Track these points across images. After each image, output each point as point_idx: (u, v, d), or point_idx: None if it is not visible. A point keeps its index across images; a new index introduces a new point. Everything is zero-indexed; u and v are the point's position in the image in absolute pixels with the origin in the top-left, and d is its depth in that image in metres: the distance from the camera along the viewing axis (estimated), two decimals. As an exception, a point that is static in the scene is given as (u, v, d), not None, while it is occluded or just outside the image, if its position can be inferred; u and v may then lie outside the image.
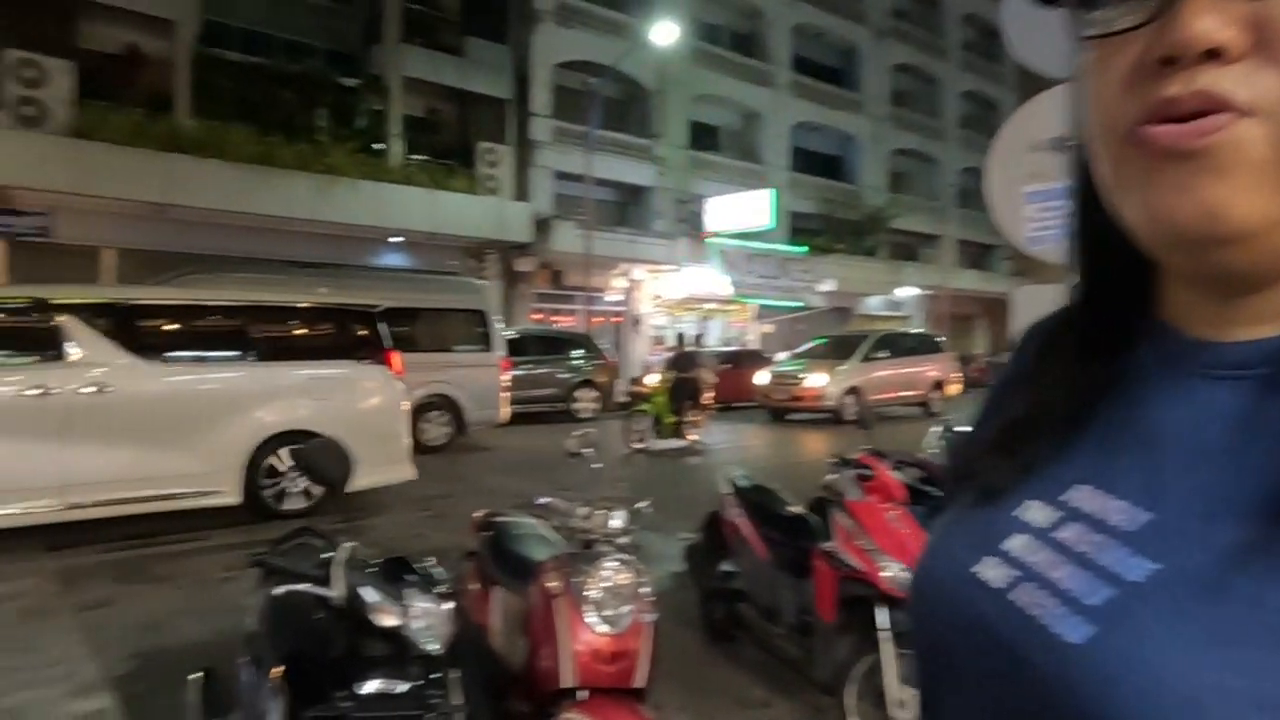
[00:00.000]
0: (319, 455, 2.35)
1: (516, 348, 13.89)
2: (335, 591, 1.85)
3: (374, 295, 9.07)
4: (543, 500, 2.67)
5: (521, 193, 18.56)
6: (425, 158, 17.73)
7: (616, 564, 2.30)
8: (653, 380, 12.06)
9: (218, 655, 2.48)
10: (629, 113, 21.54)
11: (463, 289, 11.74)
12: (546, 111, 19.34)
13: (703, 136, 22.66)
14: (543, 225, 18.10)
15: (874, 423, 4.20)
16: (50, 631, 4.10)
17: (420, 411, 10.39)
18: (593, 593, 2.28)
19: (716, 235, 20.55)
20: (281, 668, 1.88)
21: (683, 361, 11.85)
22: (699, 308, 20.80)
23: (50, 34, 13.11)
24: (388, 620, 1.83)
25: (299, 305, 7.12)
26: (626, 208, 21.73)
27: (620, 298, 20.38)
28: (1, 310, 5.66)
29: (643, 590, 2.32)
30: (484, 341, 11.15)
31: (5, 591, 4.70)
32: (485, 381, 10.93)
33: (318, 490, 6.42)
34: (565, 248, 17.94)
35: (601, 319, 19.98)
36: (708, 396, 11.85)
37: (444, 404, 10.72)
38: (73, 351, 5.59)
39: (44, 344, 5.54)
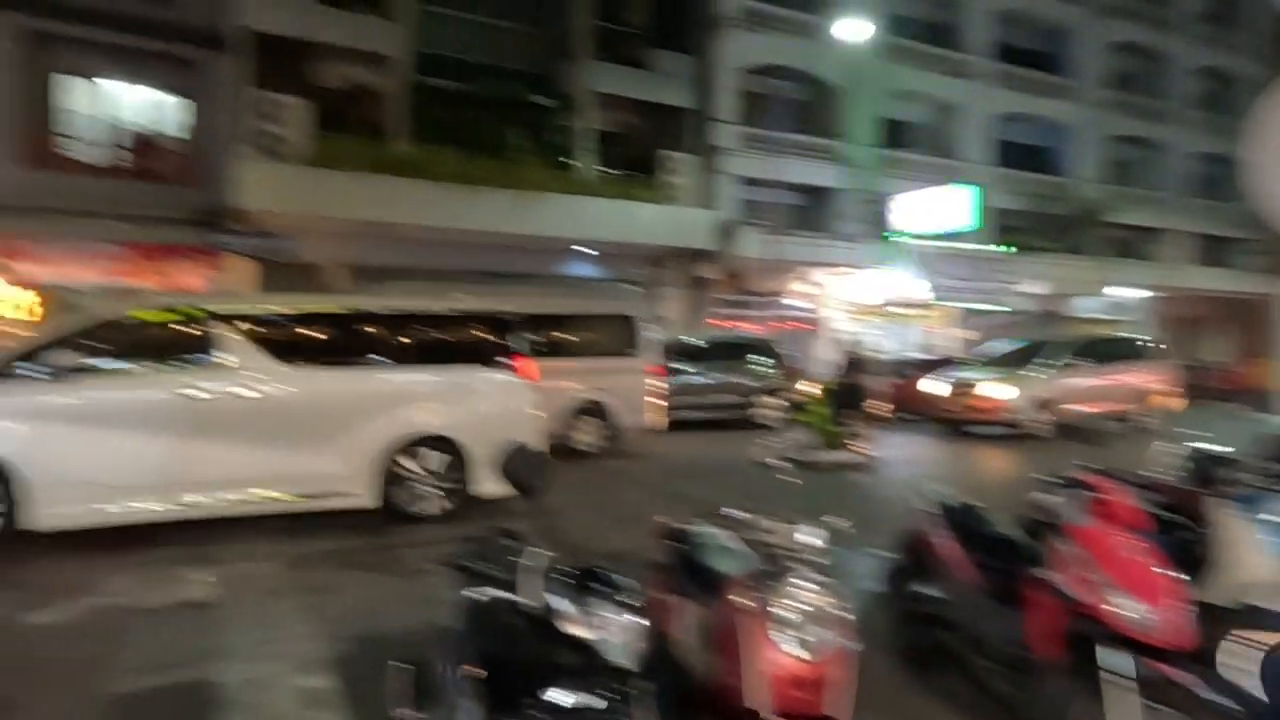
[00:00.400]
0: (519, 461, 2.40)
1: (697, 354, 13.99)
2: (530, 599, 1.87)
3: (523, 302, 9.17)
4: (730, 511, 2.59)
5: (706, 200, 18.64)
6: (612, 169, 18.28)
7: (813, 585, 2.17)
8: (812, 387, 11.56)
9: (420, 646, 2.59)
10: (815, 113, 21.01)
11: (613, 294, 12.04)
12: (731, 118, 19.31)
13: (893, 134, 21.65)
14: (726, 231, 18.07)
15: (1105, 438, 3.76)
16: (281, 611, 4.55)
17: (575, 417, 10.68)
18: (786, 613, 2.16)
19: (909, 236, 19.56)
20: (478, 670, 1.92)
21: (849, 368, 11.32)
22: (891, 312, 19.88)
23: (296, 75, 14.84)
24: (581, 632, 1.82)
25: (432, 312, 7.11)
26: (812, 210, 21.18)
27: (804, 303, 19.92)
28: (162, 320, 6.16)
29: (842, 615, 2.17)
30: (633, 347, 11.24)
31: (254, 572, 5.28)
32: (634, 387, 11.01)
33: (450, 491, 6.56)
34: (749, 253, 17.80)
35: (784, 324, 19.62)
36: (876, 405, 11.20)
37: (597, 409, 10.88)
38: (223, 358, 6.03)
39: (197, 349, 5.99)
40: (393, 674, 2.50)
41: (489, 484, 6.42)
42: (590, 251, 17.19)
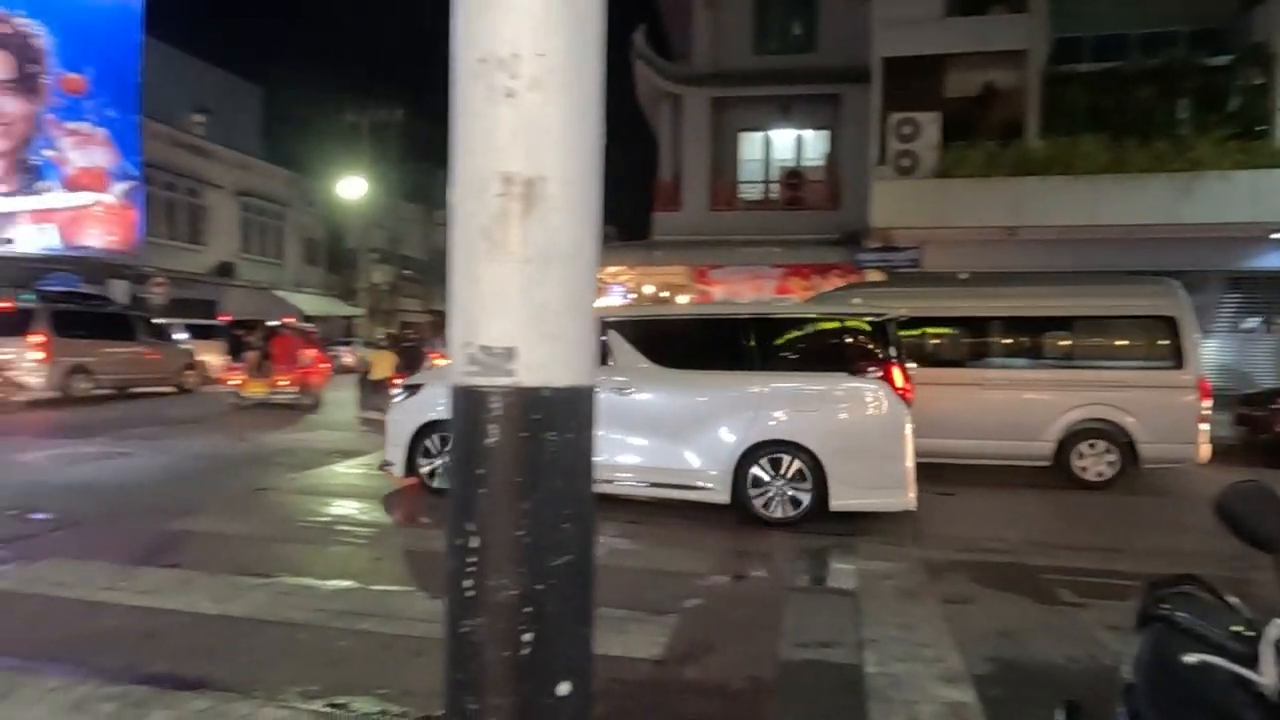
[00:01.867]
0: (1243, 501, 1.87)
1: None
2: (1268, 680, 1.46)
3: (1012, 303, 8.94)
4: None
5: None
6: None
7: None
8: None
9: (1072, 685, 2.28)
10: None
11: (1144, 291, 8.89)
12: None
13: None
14: None
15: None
16: (919, 615, 4.60)
17: (1074, 440, 8.57)
18: None
19: None
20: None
21: None
22: None
23: (924, 92, 15.23)
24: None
25: (798, 317, 7.29)
26: None
27: None
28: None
29: None
30: (1173, 356, 8.43)
31: (882, 571, 5.51)
32: (1172, 406, 8.30)
33: (804, 500, 6.43)
34: None
35: None
36: None
37: (1109, 431, 8.49)
38: (609, 359, 6.94)
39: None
40: (1057, 715, 2.27)
41: (847, 496, 6.40)
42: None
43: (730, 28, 18.51)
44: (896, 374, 6.44)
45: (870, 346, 6.61)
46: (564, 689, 1.13)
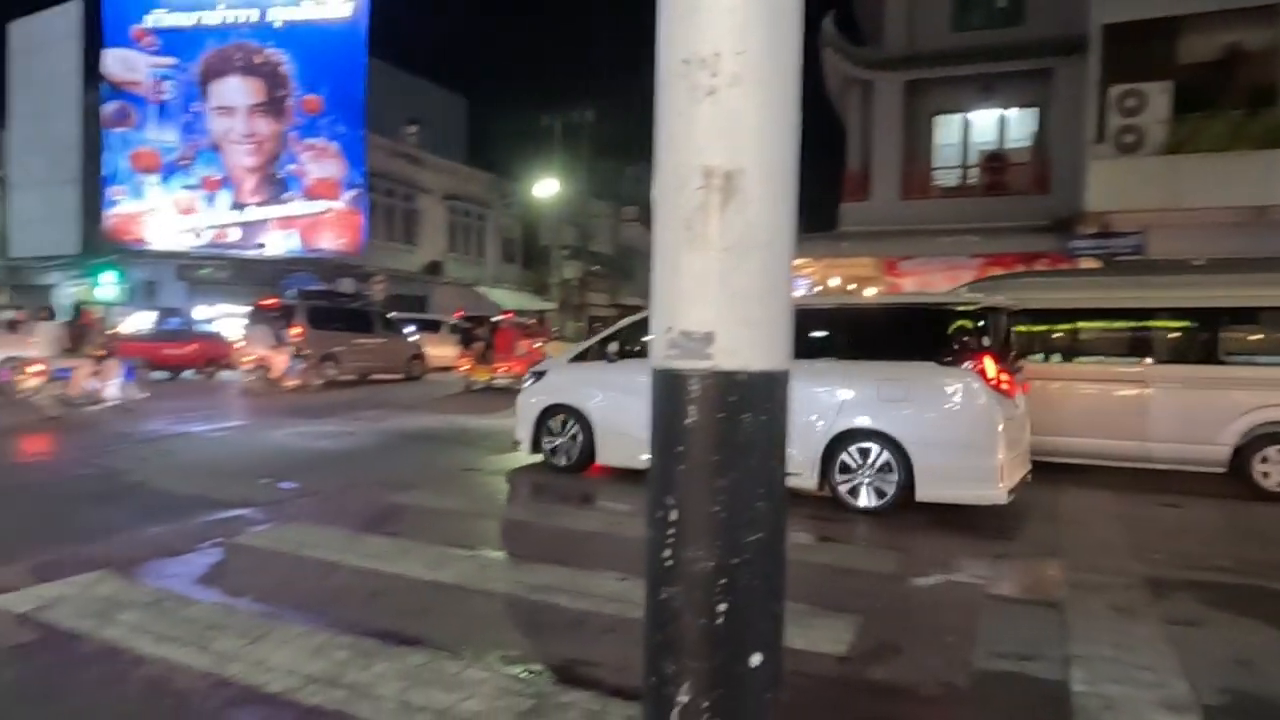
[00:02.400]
0: None
1: None
2: None
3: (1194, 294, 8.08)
4: None
5: None
6: None
7: None
8: None
9: None
10: None
11: None
12: None
13: None
14: None
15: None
16: (1138, 635, 4.20)
17: (1259, 445, 7.39)
18: None
19: None
20: None
21: None
22: None
23: (1151, 60, 13.71)
24: None
25: (886, 305, 7.46)
26: None
27: None
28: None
29: None
30: None
31: (1094, 584, 5.07)
32: None
33: (889, 490, 6.41)
34: None
35: None
36: None
37: None
38: None
39: None
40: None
41: (934, 487, 6.31)
42: None
43: (926, 6, 17.60)
44: (989, 364, 6.26)
45: (965, 337, 6.44)
46: (756, 660, 1.18)
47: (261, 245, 26.15)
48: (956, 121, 17.89)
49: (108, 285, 26.22)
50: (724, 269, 1.18)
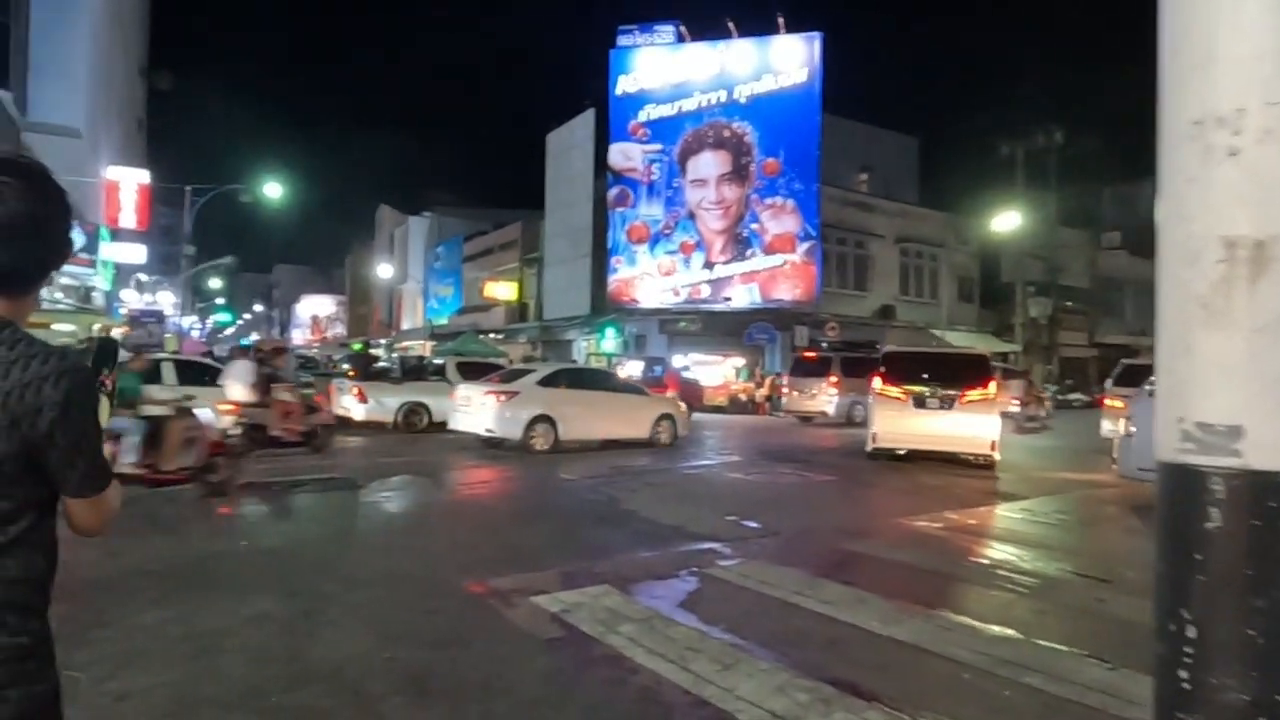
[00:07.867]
0: None
1: None
2: None
3: None
4: None
5: None
6: None
7: None
8: None
9: None
10: None
11: None
12: None
13: None
14: None
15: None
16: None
17: None
18: None
19: None
20: None
21: None
22: None
23: None
24: None
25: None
26: None
27: None
28: None
29: None
30: None
31: None
32: None
33: None
34: None
35: None
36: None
37: None
38: None
39: None
40: None
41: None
42: None
43: None
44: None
45: None
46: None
47: (728, 299, 28.83)
48: None
49: (610, 339, 31.42)
50: (1253, 352, 1.01)
